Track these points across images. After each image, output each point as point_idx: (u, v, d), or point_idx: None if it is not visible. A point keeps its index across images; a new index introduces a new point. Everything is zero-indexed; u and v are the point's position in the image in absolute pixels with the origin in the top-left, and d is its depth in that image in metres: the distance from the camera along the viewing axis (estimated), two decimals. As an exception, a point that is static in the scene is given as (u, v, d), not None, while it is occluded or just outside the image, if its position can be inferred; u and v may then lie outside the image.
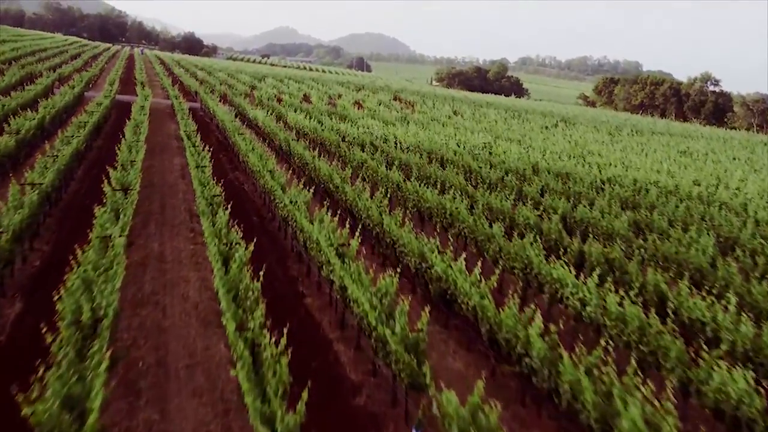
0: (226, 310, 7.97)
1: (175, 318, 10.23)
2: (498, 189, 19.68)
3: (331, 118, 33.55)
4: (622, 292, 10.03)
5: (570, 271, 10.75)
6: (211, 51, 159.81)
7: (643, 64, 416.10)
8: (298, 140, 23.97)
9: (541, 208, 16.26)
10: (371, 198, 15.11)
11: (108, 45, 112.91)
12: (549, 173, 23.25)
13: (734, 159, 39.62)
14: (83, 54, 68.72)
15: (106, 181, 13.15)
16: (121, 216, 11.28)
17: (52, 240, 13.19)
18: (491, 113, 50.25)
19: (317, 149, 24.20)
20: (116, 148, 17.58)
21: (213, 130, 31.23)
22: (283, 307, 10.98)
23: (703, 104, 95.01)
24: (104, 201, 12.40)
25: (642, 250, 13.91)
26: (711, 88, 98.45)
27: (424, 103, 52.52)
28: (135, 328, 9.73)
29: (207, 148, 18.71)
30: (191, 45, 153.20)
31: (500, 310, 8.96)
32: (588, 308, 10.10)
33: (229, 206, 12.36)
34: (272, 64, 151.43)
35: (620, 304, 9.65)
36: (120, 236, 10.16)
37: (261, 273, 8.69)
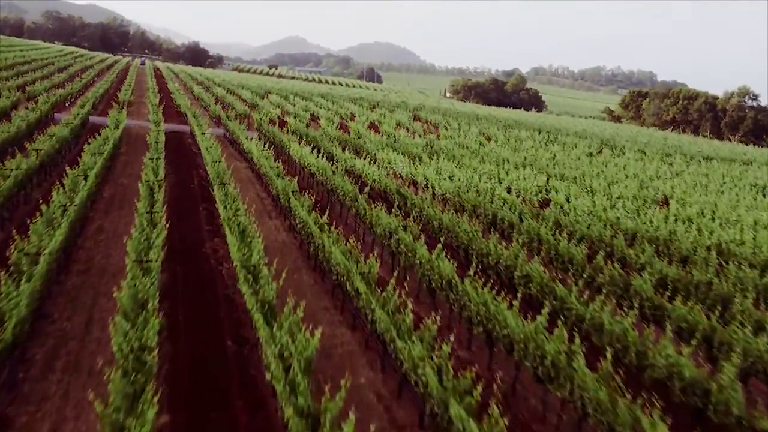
0: None
1: None
2: (590, 277, 13.68)
3: (344, 149, 27.70)
4: None
5: None
6: (217, 62, 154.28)
7: (658, 74, 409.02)
8: (302, 191, 18.08)
9: (693, 341, 10.15)
10: (416, 329, 9.16)
11: (106, 55, 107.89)
12: (637, 238, 17.29)
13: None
14: (72, 66, 63.30)
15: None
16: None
17: None
18: (524, 136, 44.23)
19: (327, 206, 18.44)
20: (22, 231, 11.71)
21: (199, 165, 25.41)
22: None
23: (741, 120, 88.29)
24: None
25: None
26: (749, 103, 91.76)
27: (448, 124, 46.57)
28: None
29: (166, 219, 12.81)
30: (196, 55, 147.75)
31: None
32: None
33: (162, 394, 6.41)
34: (280, 76, 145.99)
35: None
36: None
37: None
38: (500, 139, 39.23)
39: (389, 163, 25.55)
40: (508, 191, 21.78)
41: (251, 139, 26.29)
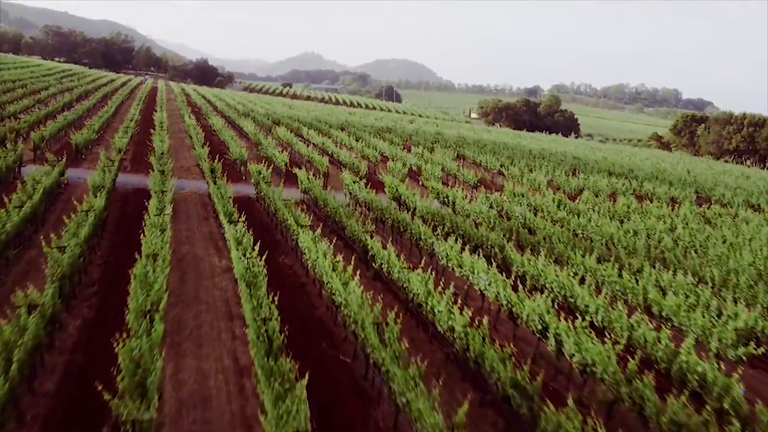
0: None
1: None
2: None
3: (382, 229, 17.80)
4: None
5: None
6: (226, 80, 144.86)
7: (683, 92, 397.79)
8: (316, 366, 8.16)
9: None
10: None
11: (103, 73, 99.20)
12: None
13: None
14: (48, 89, 54.22)
15: None
16: None
17: None
18: (604, 186, 34.06)
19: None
20: None
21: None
22: None
23: (821, 151, 77.52)
24: None
25: None
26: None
27: (505, 168, 36.56)
28: None
29: None
30: (204, 73, 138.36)
31: None
32: None
33: None
34: (294, 96, 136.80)
35: None
36: None
37: None
38: (585, 195, 29.06)
39: (460, 266, 15.65)
40: (702, 356, 11.69)
41: (236, 224, 16.48)
